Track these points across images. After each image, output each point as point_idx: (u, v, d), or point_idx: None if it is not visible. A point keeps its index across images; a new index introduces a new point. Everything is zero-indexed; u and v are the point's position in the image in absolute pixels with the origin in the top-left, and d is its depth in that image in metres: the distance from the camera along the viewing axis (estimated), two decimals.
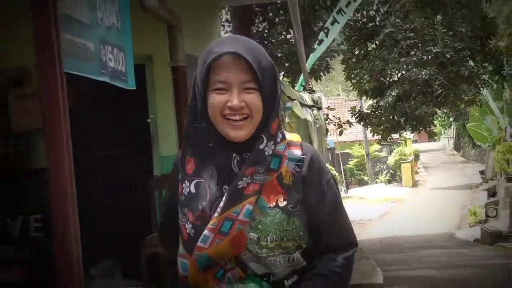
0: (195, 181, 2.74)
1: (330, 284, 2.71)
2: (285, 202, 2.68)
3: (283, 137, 2.77)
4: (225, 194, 2.67)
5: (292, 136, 2.82)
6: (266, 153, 2.71)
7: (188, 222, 2.71)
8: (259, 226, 2.65)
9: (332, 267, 2.74)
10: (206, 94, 2.72)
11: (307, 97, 17.34)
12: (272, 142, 2.74)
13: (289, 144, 2.79)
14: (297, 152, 2.78)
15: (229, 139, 2.72)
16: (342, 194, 43.82)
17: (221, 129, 2.72)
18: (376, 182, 52.84)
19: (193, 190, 2.73)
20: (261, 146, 2.71)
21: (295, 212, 2.70)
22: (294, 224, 2.68)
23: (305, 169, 2.77)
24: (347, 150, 54.75)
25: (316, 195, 2.76)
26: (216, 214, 2.65)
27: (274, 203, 2.67)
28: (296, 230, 2.69)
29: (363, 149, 54.64)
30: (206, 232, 2.64)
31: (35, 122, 8.18)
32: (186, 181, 2.77)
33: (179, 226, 2.77)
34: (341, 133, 31.87)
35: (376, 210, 35.18)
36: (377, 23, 30.63)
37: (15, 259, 10.11)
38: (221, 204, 2.66)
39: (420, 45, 29.07)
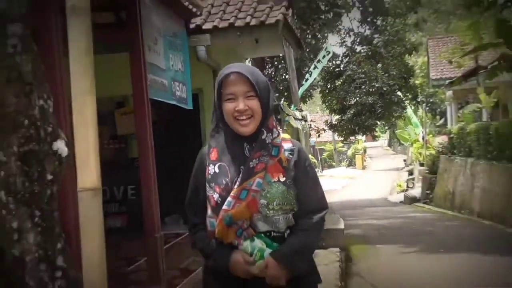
0: (218, 164, 2.61)
1: (309, 235, 2.64)
2: (284, 178, 2.58)
3: (279, 134, 2.67)
4: (241, 172, 2.56)
5: (285, 135, 2.74)
6: (267, 141, 2.60)
7: (215, 193, 2.57)
8: (268, 195, 2.54)
9: (311, 224, 2.64)
10: (221, 104, 2.63)
11: (298, 114, 17.28)
12: (270, 134, 2.63)
13: (284, 139, 2.69)
14: (289, 145, 2.68)
15: (239, 133, 2.60)
16: (319, 173, 44.00)
17: (233, 127, 2.61)
18: (340, 166, 52.74)
19: (217, 170, 2.61)
20: (263, 137, 2.60)
21: (291, 185, 2.59)
22: (290, 193, 2.58)
23: (295, 156, 2.65)
24: (322, 147, 54.47)
25: (303, 173, 2.66)
26: (235, 186, 2.53)
27: (277, 179, 2.57)
28: (292, 197, 2.58)
29: (332, 146, 54.62)
30: (229, 198, 2.52)
31: (131, 129, 8.22)
32: (211, 165, 2.64)
33: (207, 196, 2.63)
34: (318, 136, 32.00)
35: (340, 184, 35.12)
36: (341, 68, 30.54)
37: (119, 212, 10.18)
38: (239, 179, 2.54)
39: (367, 82, 28.92)
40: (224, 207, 2.52)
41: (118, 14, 8.23)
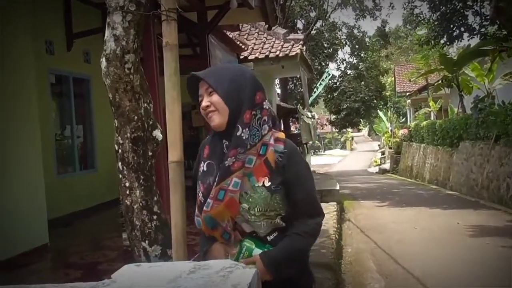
0: (207, 162, 1.70)
1: (304, 241, 1.67)
2: (269, 183, 1.63)
3: (269, 129, 1.68)
4: (218, 171, 1.66)
5: (280, 134, 1.72)
6: (244, 137, 1.63)
7: (200, 192, 1.70)
8: (250, 200, 1.62)
9: (305, 229, 1.67)
10: None
11: (309, 114, 17.10)
12: (247, 129, 1.63)
13: (278, 139, 1.69)
14: (281, 146, 1.67)
15: (214, 129, 1.71)
16: (322, 153, 43.51)
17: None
18: (336, 148, 52.14)
19: (205, 168, 1.70)
20: (238, 133, 1.62)
21: (276, 190, 1.63)
22: (275, 199, 1.63)
23: (286, 160, 1.66)
24: (324, 135, 53.84)
25: (294, 178, 1.67)
26: (214, 186, 1.65)
27: (261, 183, 1.62)
28: (277, 203, 1.63)
29: (331, 135, 54.04)
30: (208, 199, 1.64)
31: (201, 123, 8.21)
32: (202, 162, 1.73)
33: (196, 194, 1.76)
34: (322, 128, 31.98)
35: (336, 160, 34.64)
36: (337, 85, 30.27)
37: (188, 176, 10.17)
38: (216, 179, 1.64)
39: (354, 93, 28.67)
40: (204, 208, 1.67)
41: (195, 49, 8.25)
